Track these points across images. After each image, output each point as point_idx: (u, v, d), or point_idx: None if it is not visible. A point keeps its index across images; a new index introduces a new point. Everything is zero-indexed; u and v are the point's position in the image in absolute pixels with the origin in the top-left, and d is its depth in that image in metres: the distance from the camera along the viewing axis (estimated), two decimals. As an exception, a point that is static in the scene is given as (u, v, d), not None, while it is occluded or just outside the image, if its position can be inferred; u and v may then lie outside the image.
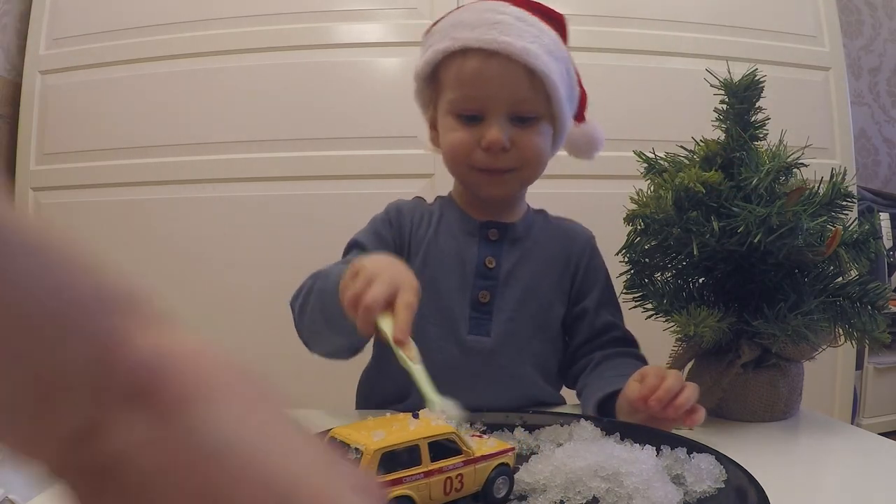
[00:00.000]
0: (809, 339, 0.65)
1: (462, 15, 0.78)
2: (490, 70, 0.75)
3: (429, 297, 0.75)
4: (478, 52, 0.74)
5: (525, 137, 0.78)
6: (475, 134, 0.77)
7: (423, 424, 0.44)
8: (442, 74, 0.79)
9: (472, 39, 0.74)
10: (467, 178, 0.82)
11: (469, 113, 0.77)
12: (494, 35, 0.74)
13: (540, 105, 0.78)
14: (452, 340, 0.79)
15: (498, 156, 0.77)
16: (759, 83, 0.70)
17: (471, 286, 0.80)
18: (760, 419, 0.70)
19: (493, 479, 0.46)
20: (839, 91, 1.94)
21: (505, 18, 0.75)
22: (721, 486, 0.47)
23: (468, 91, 0.76)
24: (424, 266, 0.81)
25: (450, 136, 0.79)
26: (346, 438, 0.42)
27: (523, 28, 0.76)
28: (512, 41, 0.74)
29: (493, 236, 0.83)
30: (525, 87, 0.76)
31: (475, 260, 0.81)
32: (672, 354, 0.76)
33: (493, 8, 0.77)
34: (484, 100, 0.76)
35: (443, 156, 0.82)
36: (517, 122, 0.77)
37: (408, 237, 0.84)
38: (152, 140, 1.84)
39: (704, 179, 0.66)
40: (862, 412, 2.18)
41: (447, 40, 0.76)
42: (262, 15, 1.83)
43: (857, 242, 0.65)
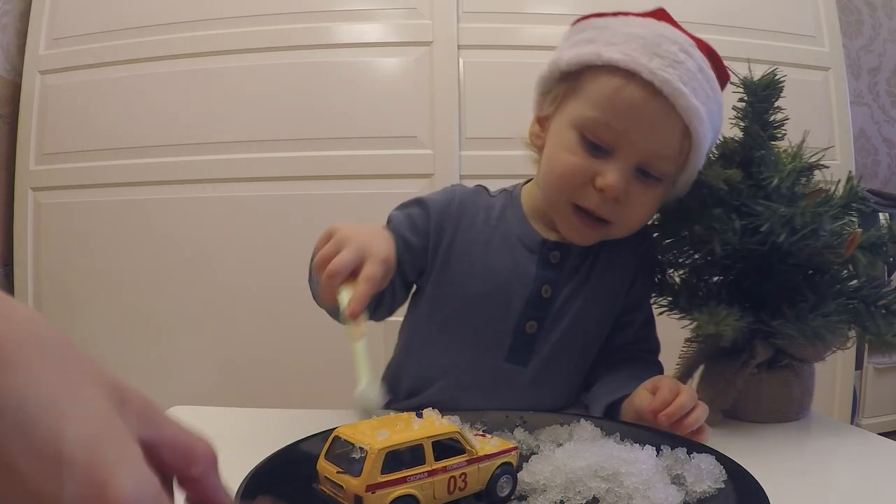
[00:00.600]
0: (827, 340, 0.65)
1: (641, 29, 0.67)
2: (650, 110, 0.65)
3: (469, 308, 0.74)
4: (647, 84, 0.64)
5: (640, 195, 0.68)
6: (595, 167, 0.67)
7: (426, 424, 0.45)
8: (588, 81, 0.68)
9: (646, 69, 0.64)
10: (561, 209, 0.72)
11: (599, 141, 0.67)
12: (671, 75, 0.64)
13: (672, 167, 0.69)
14: (487, 364, 0.74)
15: (607, 203, 0.68)
16: (779, 83, 0.69)
17: (518, 314, 0.73)
18: (773, 420, 0.70)
19: (496, 479, 0.46)
20: (839, 91, 1.94)
21: (688, 62, 0.65)
22: (721, 487, 0.47)
23: (613, 120, 0.66)
24: (470, 272, 0.74)
25: (566, 156, 0.69)
26: (350, 438, 0.42)
27: (702, 83, 0.66)
28: (687, 93, 0.64)
29: (555, 259, 0.74)
30: (674, 146, 0.67)
31: (531, 286, 0.73)
32: (682, 355, 0.76)
33: (678, 41, 0.66)
34: (624, 137, 0.66)
35: (545, 172, 0.73)
36: (640, 174, 0.68)
37: (450, 236, 0.75)
38: (152, 140, 1.84)
39: (727, 177, 0.65)
40: (862, 412, 2.18)
41: (617, 52, 0.65)
42: (262, 15, 1.83)
43: (874, 245, 0.65)
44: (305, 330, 1.61)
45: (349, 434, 0.42)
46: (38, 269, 1.89)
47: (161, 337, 1.83)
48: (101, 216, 1.86)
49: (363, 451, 0.40)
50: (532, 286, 0.73)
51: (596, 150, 0.67)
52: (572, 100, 0.70)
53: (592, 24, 0.71)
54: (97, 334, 1.86)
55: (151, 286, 1.84)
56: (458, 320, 0.75)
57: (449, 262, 0.75)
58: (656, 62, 0.64)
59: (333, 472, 0.41)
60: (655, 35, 0.66)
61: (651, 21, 0.69)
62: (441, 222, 0.75)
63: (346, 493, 0.40)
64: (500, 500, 0.46)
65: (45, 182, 1.88)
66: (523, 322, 0.73)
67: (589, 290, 0.75)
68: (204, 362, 1.83)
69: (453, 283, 0.75)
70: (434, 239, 0.75)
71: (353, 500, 0.40)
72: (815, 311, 0.64)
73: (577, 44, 0.70)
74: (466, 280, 0.74)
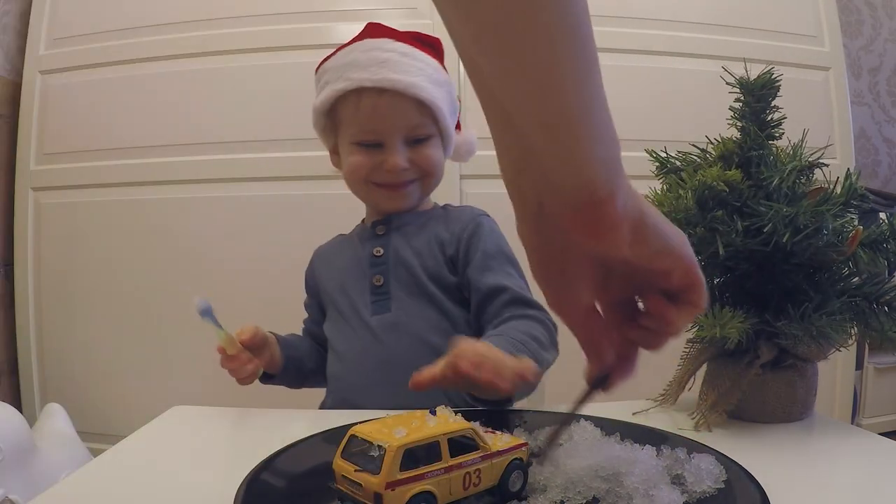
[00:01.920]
0: (832, 339, 0.65)
1: (353, 55, 0.88)
2: (383, 106, 0.85)
3: (343, 301, 0.92)
4: (371, 90, 0.85)
5: (421, 154, 0.89)
6: (375, 158, 0.88)
7: (441, 421, 0.45)
8: (340, 110, 0.89)
9: (366, 80, 0.84)
10: (370, 194, 0.92)
11: (369, 142, 0.88)
12: (384, 74, 0.84)
13: (430, 126, 0.89)
14: (362, 325, 0.88)
15: (399, 175, 0.88)
16: (776, 82, 0.69)
17: (366, 275, 0.91)
18: (778, 420, 0.70)
19: (508, 474, 0.46)
20: (839, 91, 1.94)
21: (391, 56, 0.86)
22: (721, 487, 0.47)
23: (366, 125, 0.87)
24: (331, 281, 0.95)
25: (351, 159, 0.90)
26: (367, 436, 0.42)
27: (408, 63, 0.86)
28: (400, 78, 0.84)
29: (381, 231, 0.93)
30: (415, 115, 0.87)
31: (367, 253, 0.92)
32: (683, 356, 0.76)
33: (380, 46, 0.87)
34: (381, 131, 0.87)
35: (346, 177, 0.92)
36: (412, 143, 0.89)
37: (320, 276, 0.98)
38: (152, 140, 1.84)
39: (727, 178, 0.65)
40: (862, 412, 2.18)
41: (342, 81, 0.86)
42: (262, 15, 1.83)
43: (875, 242, 0.65)
44: (305, 330, 1.61)
45: (366, 433, 0.42)
46: (38, 269, 1.89)
47: (161, 337, 1.83)
48: (102, 216, 1.86)
49: (381, 449, 0.40)
50: (367, 252, 0.92)
51: (371, 147, 0.88)
52: (340, 128, 0.91)
53: (324, 69, 0.92)
54: (97, 334, 1.86)
55: (151, 286, 1.84)
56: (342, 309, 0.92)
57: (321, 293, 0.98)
58: (370, 71, 0.85)
59: (351, 471, 0.41)
60: (361, 53, 0.87)
61: (357, 43, 0.90)
62: (313, 273, 1.01)
63: (365, 491, 0.40)
64: (511, 495, 0.46)
65: (46, 182, 1.88)
66: (370, 279, 0.90)
67: (416, 241, 0.91)
68: (204, 362, 1.82)
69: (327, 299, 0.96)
70: (314, 284, 1.00)
71: (373, 497, 0.40)
72: (819, 310, 0.64)
73: (321, 89, 0.90)
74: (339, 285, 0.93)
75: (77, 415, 1.69)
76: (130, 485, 0.52)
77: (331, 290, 0.94)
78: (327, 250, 1.02)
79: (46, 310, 1.89)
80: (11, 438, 1.33)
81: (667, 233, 0.37)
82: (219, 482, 0.49)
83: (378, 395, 0.82)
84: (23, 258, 1.89)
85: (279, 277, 1.66)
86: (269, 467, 0.48)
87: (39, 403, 1.85)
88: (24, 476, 1.34)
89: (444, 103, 0.89)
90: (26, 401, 1.88)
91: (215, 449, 0.62)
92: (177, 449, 0.61)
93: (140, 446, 0.62)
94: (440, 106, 0.88)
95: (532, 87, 0.30)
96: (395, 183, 0.89)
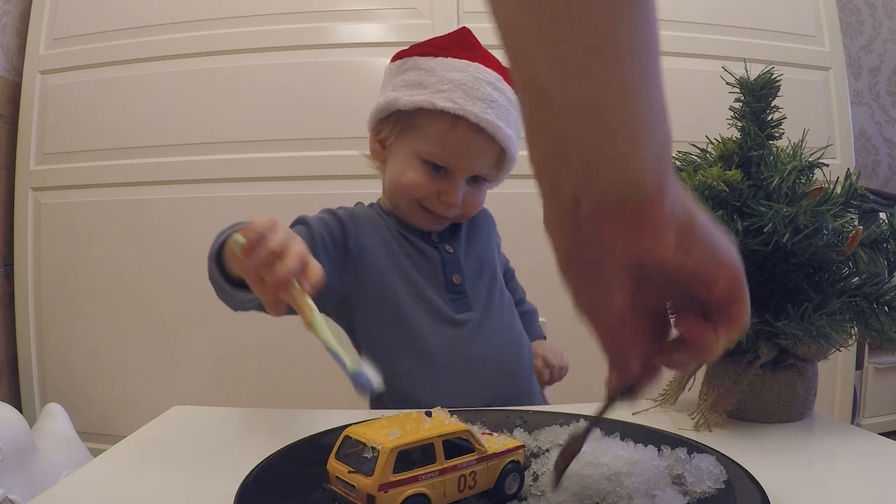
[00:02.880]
0: (833, 339, 0.65)
1: (460, 74, 0.82)
2: (475, 145, 0.83)
3: (414, 297, 0.86)
4: (470, 123, 0.81)
5: (473, 196, 0.88)
6: (436, 183, 0.85)
7: (436, 423, 0.45)
8: (423, 121, 0.84)
9: (471, 113, 0.80)
10: (410, 210, 0.89)
11: (437, 167, 0.85)
12: (491, 117, 0.81)
13: (494, 171, 0.89)
14: (443, 322, 0.86)
15: (449, 208, 0.87)
16: (776, 82, 0.69)
17: (440, 272, 0.88)
18: (778, 420, 0.70)
19: (504, 476, 0.46)
20: (839, 91, 1.94)
21: (500, 99, 0.82)
22: (721, 487, 0.47)
23: (449, 153, 0.83)
24: (407, 278, 0.87)
25: (410, 173, 0.86)
26: (361, 437, 0.42)
27: (511, 114, 0.84)
28: (503, 127, 0.82)
29: (435, 239, 0.91)
30: (493, 162, 0.87)
31: (436, 254, 0.89)
32: None
33: (492, 82, 0.83)
34: (457, 164, 0.84)
35: (393, 183, 0.88)
36: (471, 180, 0.87)
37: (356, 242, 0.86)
38: (152, 140, 1.84)
39: (727, 178, 0.66)
40: (862, 412, 2.18)
41: (446, 100, 0.81)
42: (262, 15, 1.83)
43: (875, 242, 0.65)
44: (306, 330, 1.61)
45: (360, 433, 0.42)
46: (38, 269, 1.89)
47: (161, 337, 1.83)
48: (102, 216, 1.86)
49: (375, 451, 0.40)
50: (440, 249, 0.89)
51: (436, 170, 0.85)
52: (411, 133, 0.86)
53: (417, 65, 0.85)
54: (97, 334, 1.86)
55: (151, 286, 1.84)
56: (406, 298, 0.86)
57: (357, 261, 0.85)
58: (478, 106, 0.81)
59: (345, 472, 0.41)
60: (474, 80, 0.82)
61: (466, 63, 0.83)
62: (348, 229, 0.86)
63: (357, 493, 0.40)
64: (507, 497, 0.46)
65: (46, 182, 1.88)
66: (449, 277, 0.88)
67: (475, 239, 0.94)
68: (204, 362, 1.83)
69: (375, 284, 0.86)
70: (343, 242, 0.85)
71: (366, 499, 0.40)
72: (819, 309, 0.64)
73: (408, 85, 0.85)
74: (393, 268, 0.86)
75: (77, 415, 1.69)
76: (130, 485, 0.52)
77: (390, 281, 0.86)
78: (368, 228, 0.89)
79: (46, 310, 1.89)
80: (11, 438, 1.33)
81: (716, 239, 0.34)
82: (219, 482, 0.49)
83: (458, 392, 0.82)
84: (23, 258, 1.89)
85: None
86: (268, 467, 0.48)
87: (39, 403, 1.85)
88: (24, 476, 1.34)
89: (515, 151, 0.88)
90: (26, 401, 1.88)
91: (215, 449, 0.62)
92: (177, 449, 0.61)
93: (140, 446, 0.62)
94: (515, 161, 0.88)
95: (584, 55, 0.26)
96: (442, 214, 0.88)
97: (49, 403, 1.66)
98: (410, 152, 0.86)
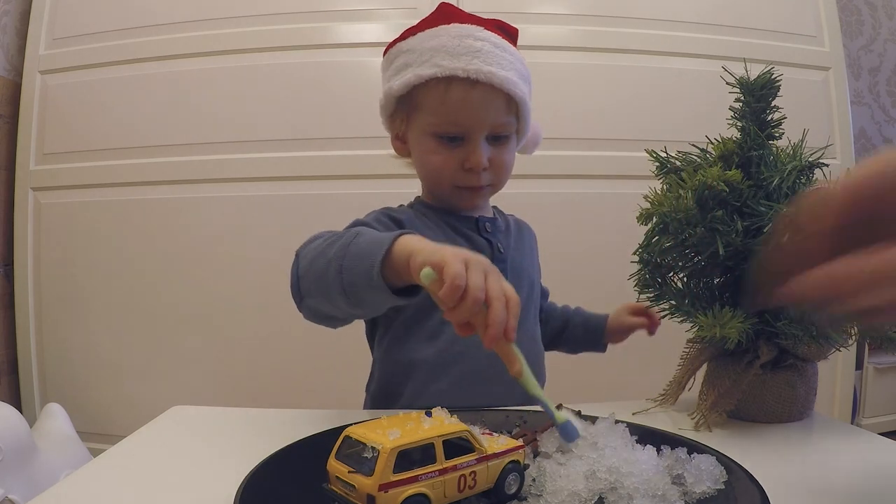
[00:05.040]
0: (832, 339, 0.65)
1: (439, 39, 0.81)
2: (475, 98, 0.80)
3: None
4: (463, 80, 0.79)
5: (500, 156, 0.84)
6: (457, 155, 0.82)
7: (436, 423, 0.45)
8: (421, 97, 0.82)
9: (459, 69, 0.78)
10: (449, 195, 0.86)
11: (451, 135, 0.82)
12: (479, 65, 0.78)
13: (513, 124, 0.85)
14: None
15: (479, 175, 0.83)
16: (776, 82, 0.69)
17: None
18: (778, 420, 0.70)
19: (504, 476, 0.46)
20: (839, 91, 1.94)
21: (485, 46, 0.80)
22: (721, 487, 0.47)
23: (452, 117, 0.81)
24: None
25: (432, 157, 0.84)
26: (361, 437, 0.42)
27: (502, 57, 0.81)
28: (495, 71, 0.79)
29: (489, 229, 0.89)
30: (503, 112, 0.82)
31: (488, 248, 0.87)
32: (683, 356, 0.75)
33: (471, 34, 0.81)
34: (467, 125, 0.81)
35: (422, 173, 0.88)
36: (493, 140, 0.83)
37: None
38: (152, 140, 1.84)
39: (727, 178, 0.65)
40: (862, 412, 2.18)
41: (430, 66, 0.80)
42: (262, 15, 1.83)
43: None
44: (306, 330, 1.61)
45: (360, 434, 0.42)
46: (38, 269, 1.89)
47: (161, 337, 1.83)
48: (101, 216, 1.86)
49: (375, 451, 0.40)
50: (491, 247, 0.87)
51: (452, 141, 0.82)
52: (416, 114, 0.84)
53: (400, 50, 0.84)
54: (97, 334, 1.86)
55: (151, 286, 1.84)
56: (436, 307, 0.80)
57: None
58: (463, 60, 0.78)
59: (345, 472, 0.41)
60: (453, 39, 0.80)
61: (442, 28, 0.82)
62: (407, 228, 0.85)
63: (357, 493, 0.40)
64: (507, 497, 0.46)
65: (45, 182, 1.88)
66: None
67: (518, 245, 0.92)
68: (204, 362, 1.83)
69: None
70: None
71: (366, 499, 0.40)
72: (817, 310, 0.64)
73: (398, 71, 0.84)
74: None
75: (77, 415, 1.69)
76: (130, 485, 0.52)
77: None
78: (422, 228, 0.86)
79: (46, 310, 1.89)
80: (11, 438, 1.33)
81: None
82: (219, 482, 0.49)
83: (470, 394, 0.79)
84: (23, 258, 1.89)
85: (279, 277, 1.66)
86: (268, 467, 0.48)
87: (39, 403, 1.85)
88: (24, 476, 1.34)
89: (529, 100, 0.85)
90: (26, 401, 1.88)
91: (215, 449, 0.62)
92: (177, 449, 0.61)
93: (140, 446, 0.62)
94: (528, 105, 0.84)
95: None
96: (475, 185, 0.84)
97: (49, 403, 1.66)
98: (422, 134, 0.84)
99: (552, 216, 1.73)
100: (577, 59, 1.82)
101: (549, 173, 1.78)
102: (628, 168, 1.74)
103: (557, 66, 1.80)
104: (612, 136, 1.81)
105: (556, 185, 1.78)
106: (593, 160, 1.81)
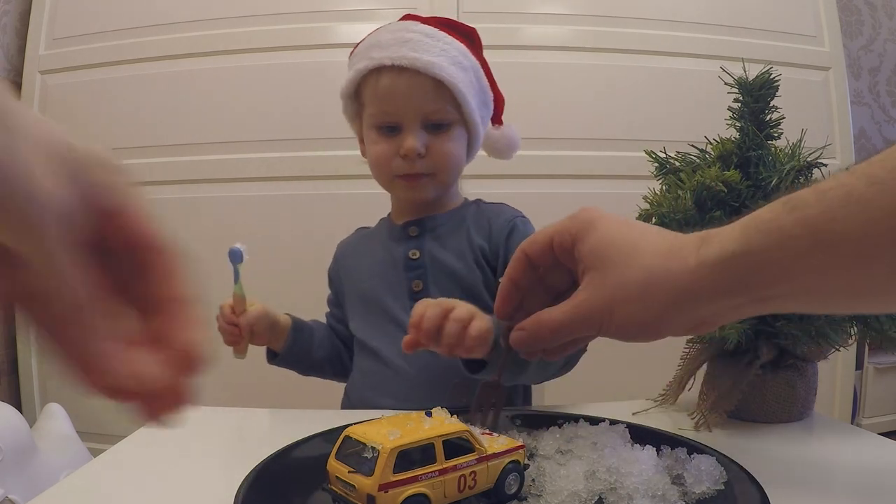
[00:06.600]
0: (832, 339, 0.65)
1: (379, 36, 0.86)
2: (401, 84, 0.83)
3: (378, 303, 0.89)
4: (391, 69, 0.83)
5: (438, 144, 0.86)
6: (394, 144, 0.85)
7: (436, 423, 0.45)
8: (362, 92, 0.87)
9: (385, 58, 0.83)
10: (390, 185, 0.90)
11: (387, 124, 0.86)
12: (404, 52, 0.82)
13: (451, 112, 0.86)
14: (401, 328, 0.82)
15: (414, 162, 0.85)
16: (774, 82, 0.69)
17: (403, 279, 0.88)
18: (777, 420, 0.70)
19: (504, 476, 0.46)
20: (839, 91, 1.94)
21: (414, 36, 0.84)
22: (721, 488, 0.47)
23: (384, 105, 0.85)
24: (362, 282, 0.92)
25: (373, 148, 0.88)
26: (362, 437, 0.42)
27: (430, 43, 0.84)
28: (418, 56, 0.82)
29: (414, 233, 0.90)
30: (433, 96, 0.84)
31: (402, 255, 0.89)
32: (683, 356, 0.75)
33: (405, 27, 0.86)
34: (398, 112, 0.84)
35: (371, 168, 0.90)
36: (432, 129, 0.85)
37: (347, 273, 0.95)
38: (152, 140, 1.84)
39: (725, 178, 0.65)
40: (862, 412, 2.18)
41: (365, 60, 0.85)
42: (263, 15, 1.83)
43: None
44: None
45: (361, 433, 0.42)
46: (38, 269, 1.89)
47: (161, 337, 1.83)
48: (101, 216, 1.86)
49: (375, 451, 0.40)
50: (403, 255, 0.89)
51: (391, 131, 0.86)
52: (363, 111, 0.89)
53: (354, 54, 0.89)
54: (97, 334, 1.86)
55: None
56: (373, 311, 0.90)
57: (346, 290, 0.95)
58: (390, 50, 0.83)
59: (345, 472, 0.41)
60: (386, 34, 0.85)
61: (387, 25, 0.88)
62: (336, 271, 0.98)
63: (358, 493, 0.40)
64: (507, 497, 0.46)
65: (45, 182, 1.88)
66: (409, 284, 0.88)
67: (453, 243, 0.90)
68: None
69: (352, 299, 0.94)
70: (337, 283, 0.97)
71: (366, 499, 0.40)
72: (818, 309, 0.64)
73: (348, 73, 0.88)
74: (363, 284, 0.92)
75: (77, 415, 1.68)
76: (130, 485, 0.52)
77: (363, 289, 0.92)
78: (353, 246, 0.98)
79: (46, 310, 1.89)
80: (11, 438, 1.33)
81: None
82: (219, 482, 0.49)
83: (416, 396, 0.82)
84: (23, 258, 1.88)
85: (279, 277, 1.66)
86: (269, 467, 0.48)
87: (39, 403, 1.85)
88: (24, 476, 1.34)
89: (469, 88, 0.85)
90: (26, 401, 1.88)
91: (215, 449, 0.62)
92: (177, 449, 0.61)
93: (140, 446, 0.62)
94: (462, 90, 0.84)
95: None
96: (410, 173, 0.86)
97: (49, 403, 1.66)
98: (367, 128, 0.88)
99: (552, 216, 1.72)
100: (576, 59, 1.82)
101: (548, 173, 1.78)
102: (627, 168, 1.74)
103: (556, 66, 1.80)
104: (611, 136, 1.81)
105: (556, 185, 1.78)
106: (592, 160, 1.81)
